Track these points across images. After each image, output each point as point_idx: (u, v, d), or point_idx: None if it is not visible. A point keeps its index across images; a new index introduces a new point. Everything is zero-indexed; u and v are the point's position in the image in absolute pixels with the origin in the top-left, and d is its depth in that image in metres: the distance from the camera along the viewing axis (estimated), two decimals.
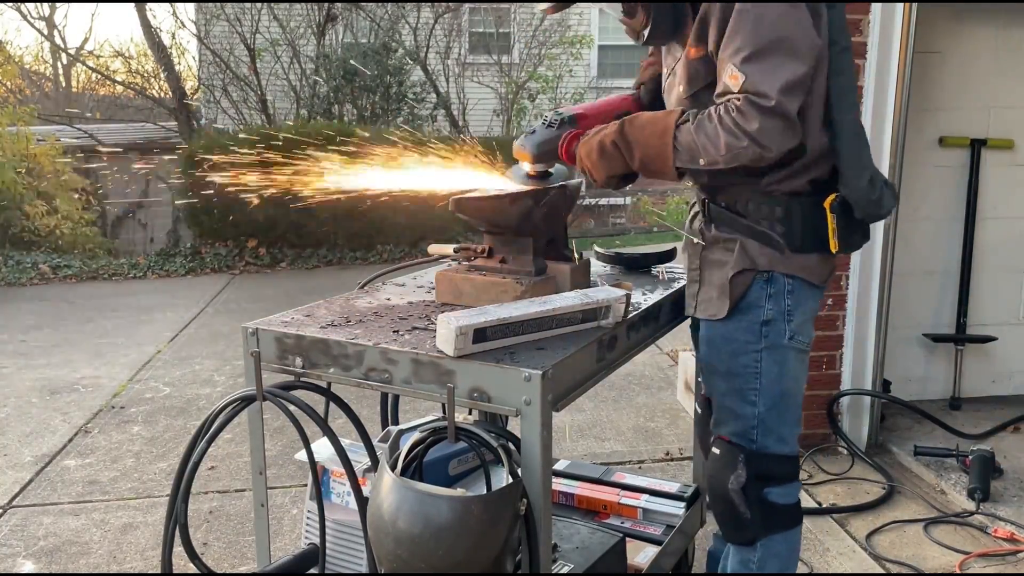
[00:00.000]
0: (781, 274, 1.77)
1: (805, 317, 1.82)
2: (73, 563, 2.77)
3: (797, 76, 1.56)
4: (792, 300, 1.79)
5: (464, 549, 1.36)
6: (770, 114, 1.55)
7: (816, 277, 1.81)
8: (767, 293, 1.78)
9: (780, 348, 1.80)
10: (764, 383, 1.82)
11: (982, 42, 3.69)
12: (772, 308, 1.79)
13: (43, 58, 20.83)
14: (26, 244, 9.35)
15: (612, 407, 4.10)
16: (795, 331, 1.81)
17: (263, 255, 8.67)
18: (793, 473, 1.91)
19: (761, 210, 1.77)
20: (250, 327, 1.71)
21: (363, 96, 10.69)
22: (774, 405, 1.84)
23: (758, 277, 1.78)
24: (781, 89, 1.54)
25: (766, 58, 1.55)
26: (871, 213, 1.76)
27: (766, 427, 1.85)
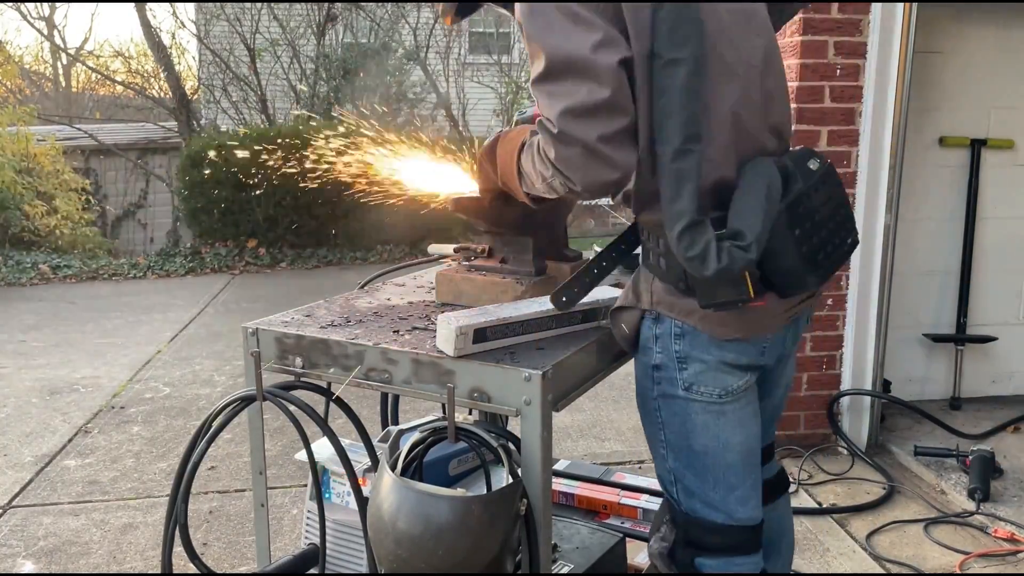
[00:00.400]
0: (667, 316, 1.50)
1: (705, 366, 1.50)
2: (73, 563, 2.77)
3: (591, 100, 1.31)
4: (683, 344, 1.50)
5: (464, 549, 1.36)
6: (560, 141, 1.33)
7: (714, 328, 1.47)
8: (654, 333, 1.52)
9: (676, 399, 1.53)
10: (668, 436, 1.57)
11: (982, 42, 3.69)
12: (660, 351, 1.52)
13: (43, 58, 20.85)
14: (26, 244, 9.35)
15: (612, 407, 4.09)
16: (691, 381, 1.50)
17: (263, 255, 8.67)
18: (731, 546, 1.58)
19: (649, 239, 1.53)
20: (250, 327, 1.71)
21: (363, 96, 10.68)
22: (689, 464, 1.56)
23: (646, 315, 1.53)
24: (562, 114, 1.32)
25: (551, 81, 1.34)
26: (695, 271, 1.36)
27: (685, 488, 1.58)
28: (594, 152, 1.33)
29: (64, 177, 10.03)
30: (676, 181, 1.35)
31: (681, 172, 1.35)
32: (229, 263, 8.56)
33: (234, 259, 8.62)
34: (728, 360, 1.50)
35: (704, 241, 1.33)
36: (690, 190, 1.34)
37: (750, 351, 1.52)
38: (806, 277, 1.44)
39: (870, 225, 3.30)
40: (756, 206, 1.37)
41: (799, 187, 1.41)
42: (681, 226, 1.34)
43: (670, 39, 1.34)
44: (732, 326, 1.48)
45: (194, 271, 8.45)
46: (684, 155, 1.35)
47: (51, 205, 9.71)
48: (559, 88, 1.33)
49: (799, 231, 1.40)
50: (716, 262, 1.32)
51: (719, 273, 1.33)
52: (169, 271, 8.45)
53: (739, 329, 1.49)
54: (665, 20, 1.35)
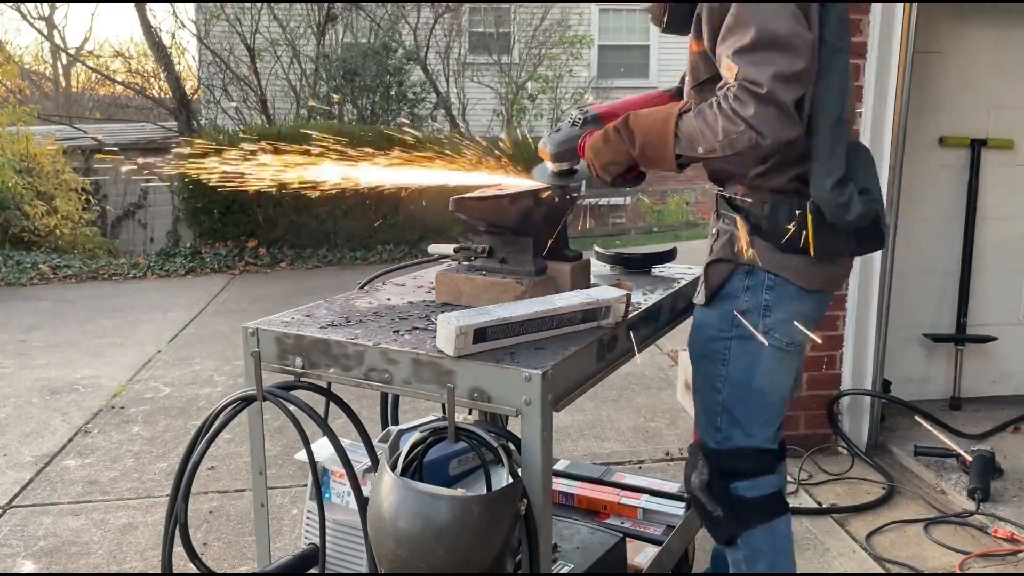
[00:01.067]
0: (762, 269, 1.77)
1: (786, 316, 1.78)
2: (73, 563, 2.77)
3: (792, 69, 1.56)
4: (772, 295, 1.77)
5: (464, 549, 1.36)
6: (764, 101, 1.56)
7: (805, 280, 1.78)
8: (745, 285, 1.79)
9: (752, 340, 1.78)
10: (731, 371, 1.82)
11: (982, 42, 3.69)
12: (748, 300, 1.78)
13: (43, 58, 20.85)
14: (26, 244, 9.35)
15: (612, 407, 4.10)
16: (771, 326, 1.78)
17: (263, 255, 8.67)
18: (760, 468, 1.88)
19: (752, 205, 1.78)
20: (250, 327, 1.71)
21: (363, 96, 10.69)
22: (741, 397, 1.83)
23: (739, 268, 1.79)
24: (773, 77, 1.55)
25: (758, 51, 1.57)
26: (837, 217, 1.69)
27: (731, 418, 1.84)
28: (787, 113, 1.58)
29: (64, 177, 10.03)
30: (834, 143, 1.68)
31: (838, 136, 1.68)
32: (229, 263, 8.56)
33: (234, 259, 8.62)
34: (804, 312, 1.80)
35: (848, 193, 1.68)
36: (842, 151, 1.69)
37: (821, 304, 1.85)
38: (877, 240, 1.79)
39: None
40: (874, 173, 1.78)
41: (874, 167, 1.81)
42: (834, 179, 1.67)
43: (837, 31, 1.67)
44: (818, 280, 1.79)
45: (194, 271, 8.44)
46: (841, 123, 1.69)
47: (51, 205, 9.71)
48: (764, 58, 1.57)
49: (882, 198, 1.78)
50: (859, 208, 1.68)
51: (858, 219, 1.68)
52: (169, 271, 8.45)
53: (823, 282, 1.81)
54: (832, 15, 1.67)
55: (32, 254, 8.91)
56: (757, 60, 1.57)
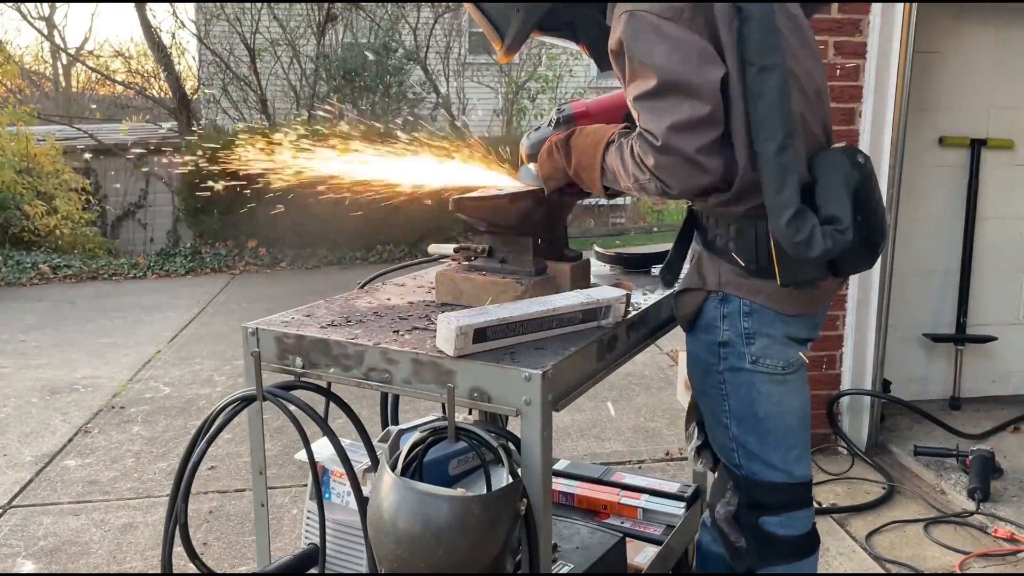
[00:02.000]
0: (735, 296, 1.65)
1: (772, 340, 1.66)
2: (73, 563, 2.77)
3: (693, 116, 1.45)
4: (751, 322, 1.65)
5: (464, 549, 1.36)
6: (662, 152, 1.48)
7: (783, 305, 1.64)
8: (721, 313, 1.67)
9: (743, 371, 1.67)
10: (732, 405, 1.71)
11: (982, 42, 3.69)
12: (728, 329, 1.67)
13: (43, 58, 20.85)
14: (26, 244, 9.35)
15: (612, 407, 4.10)
16: (758, 354, 1.66)
17: (263, 255, 8.67)
18: (791, 502, 1.75)
19: (719, 224, 1.66)
20: (250, 327, 1.71)
21: (363, 96, 10.69)
22: (752, 430, 1.71)
23: (712, 296, 1.68)
24: (670, 129, 1.46)
25: (656, 99, 1.48)
26: (799, 255, 1.50)
27: (747, 452, 1.73)
28: (692, 162, 1.48)
29: (64, 177, 10.03)
30: (781, 173, 1.48)
31: (785, 165, 1.48)
32: (229, 263, 8.56)
33: (234, 259, 8.62)
34: (791, 334, 1.67)
35: (809, 227, 1.47)
36: (793, 181, 1.48)
37: (808, 324, 1.71)
38: (864, 258, 1.63)
39: None
40: (842, 194, 1.54)
41: (857, 177, 1.57)
42: (789, 214, 1.47)
43: (761, 48, 1.48)
44: (798, 304, 1.65)
45: (194, 271, 8.45)
46: (786, 149, 1.48)
47: (51, 205, 9.71)
48: (663, 104, 1.47)
49: (860, 217, 1.56)
50: (822, 244, 1.47)
51: (823, 255, 1.49)
52: (169, 271, 8.46)
53: (804, 305, 1.66)
54: (754, 31, 1.49)
55: (32, 254, 8.92)
56: (656, 108, 1.48)
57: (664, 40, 1.48)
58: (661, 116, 1.47)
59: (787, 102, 1.48)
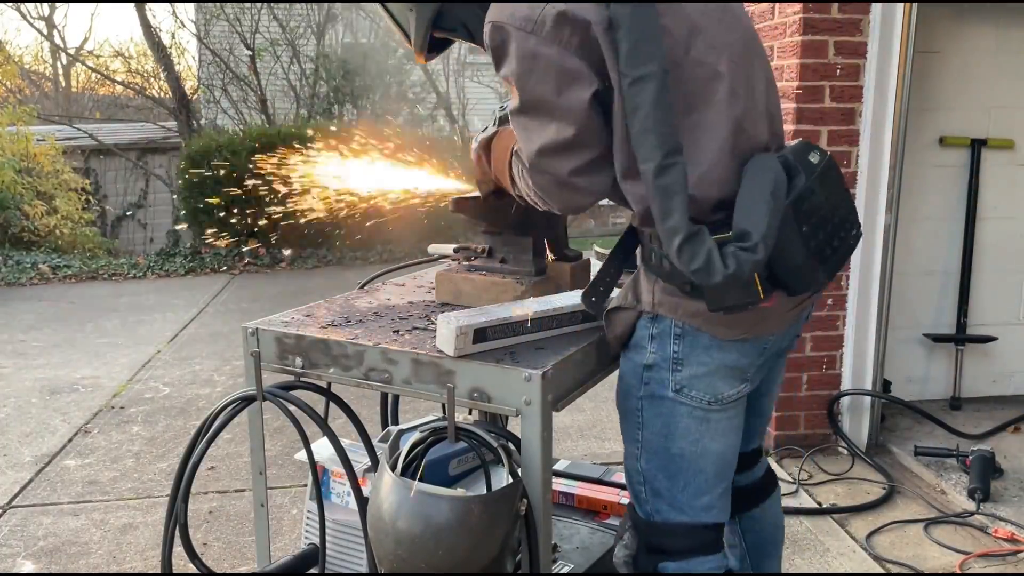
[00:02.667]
0: (667, 316, 1.48)
1: (703, 370, 1.48)
2: (73, 563, 2.76)
3: (559, 139, 1.37)
4: (681, 346, 1.48)
5: (464, 549, 1.36)
6: (535, 173, 1.43)
7: (720, 330, 1.46)
8: (650, 333, 1.50)
9: (664, 400, 1.51)
10: (645, 436, 1.55)
11: (982, 42, 3.69)
12: (655, 351, 1.50)
13: (43, 58, 20.85)
14: (26, 244, 9.35)
15: (612, 407, 4.08)
16: (683, 383, 1.49)
17: (263, 255, 8.67)
18: (694, 547, 1.57)
19: (653, 239, 1.48)
20: (250, 327, 1.71)
21: (363, 96, 10.69)
22: (662, 466, 1.55)
23: (644, 315, 1.51)
24: (538, 152, 1.40)
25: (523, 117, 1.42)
26: (702, 283, 1.33)
27: (653, 489, 1.57)
28: (566, 184, 1.42)
29: (64, 177, 10.03)
30: (664, 197, 1.31)
31: (667, 187, 1.30)
32: (229, 263, 8.56)
33: (234, 259, 8.62)
34: (728, 363, 1.49)
35: (705, 251, 1.29)
36: (679, 203, 1.30)
37: (751, 352, 1.51)
38: (816, 274, 1.43)
39: (870, 225, 3.30)
40: (761, 204, 1.33)
41: (803, 182, 1.38)
42: (678, 241, 1.30)
43: (631, 58, 1.31)
44: (739, 327, 1.46)
45: (194, 271, 8.44)
46: (667, 169, 1.30)
47: (51, 205, 9.71)
48: (531, 124, 1.41)
49: (806, 227, 1.38)
50: (724, 269, 1.29)
51: (728, 279, 1.29)
52: (169, 271, 8.45)
53: (746, 329, 1.47)
54: (624, 40, 1.31)
55: (32, 254, 8.91)
56: (525, 127, 1.42)
57: (524, 58, 1.36)
58: (530, 137, 1.41)
59: (667, 115, 1.31)
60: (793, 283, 1.41)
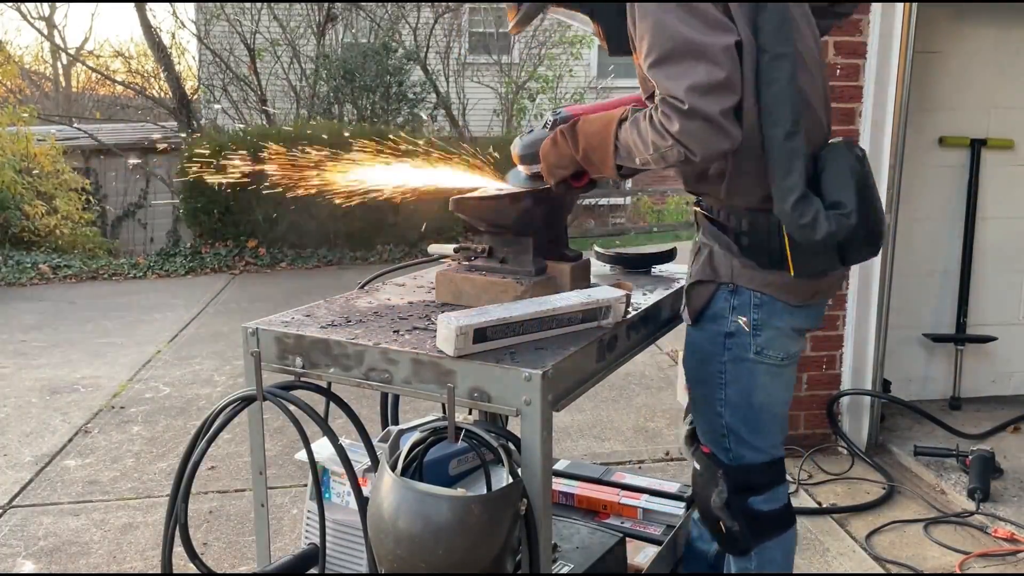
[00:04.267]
0: (746, 288, 1.70)
1: (777, 332, 1.72)
2: (73, 563, 2.77)
3: (711, 79, 1.46)
4: (760, 314, 1.70)
5: (464, 549, 1.36)
6: (687, 116, 1.47)
7: (791, 296, 1.70)
8: (731, 305, 1.71)
9: (746, 361, 1.73)
10: (730, 394, 1.77)
11: (982, 42, 3.69)
12: (736, 320, 1.72)
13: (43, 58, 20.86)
14: (26, 244, 9.35)
15: (612, 407, 4.10)
16: (763, 345, 1.72)
17: (263, 255, 8.67)
18: (775, 479, 1.86)
19: (730, 220, 1.70)
20: (250, 327, 1.71)
21: (363, 96, 10.69)
22: (745, 418, 1.78)
23: (722, 288, 1.72)
24: (689, 91, 1.46)
25: (671, 63, 1.49)
26: (804, 238, 1.57)
27: (738, 438, 1.80)
28: (716, 124, 1.48)
29: (64, 177, 10.03)
30: (789, 159, 1.54)
31: (793, 151, 1.54)
32: (229, 263, 8.56)
33: (234, 259, 8.62)
34: (796, 325, 1.74)
35: (814, 211, 1.54)
36: (799, 166, 1.55)
37: (812, 315, 1.78)
38: (867, 248, 1.66)
39: None
40: (848, 182, 1.60)
41: (860, 169, 1.64)
42: (795, 197, 1.54)
43: (776, 36, 1.54)
44: (804, 293, 1.71)
45: (194, 271, 8.45)
46: (794, 136, 1.55)
47: (51, 205, 9.71)
48: (679, 69, 1.48)
49: (863, 207, 1.60)
50: (827, 227, 1.54)
51: (828, 237, 1.54)
52: (169, 271, 8.46)
53: (810, 295, 1.72)
54: (770, 19, 1.54)
55: (32, 254, 8.92)
56: (672, 73, 1.49)
57: (678, 7, 1.50)
58: (680, 79, 1.47)
59: (795, 91, 1.54)
60: (852, 255, 1.65)
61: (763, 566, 1.88)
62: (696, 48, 1.47)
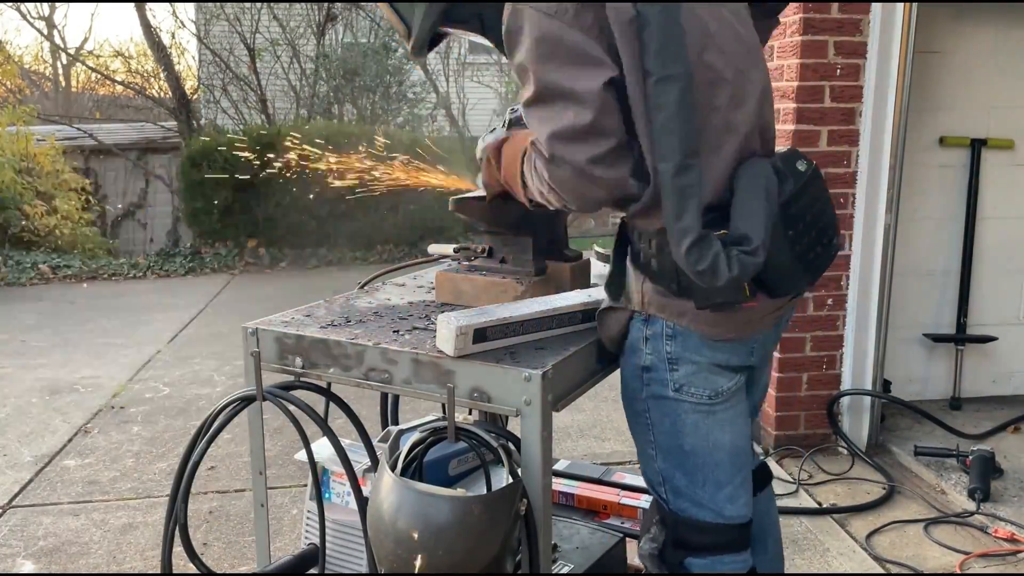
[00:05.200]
0: (658, 317, 1.51)
1: (696, 367, 1.51)
2: (73, 563, 2.77)
3: (577, 124, 1.34)
4: (674, 346, 1.51)
5: (464, 549, 1.36)
6: (554, 164, 1.38)
7: (708, 329, 1.49)
8: (643, 335, 1.53)
9: (666, 400, 1.54)
10: (657, 436, 1.58)
11: (982, 42, 3.69)
12: (651, 353, 1.53)
13: (43, 58, 20.85)
14: (26, 244, 9.35)
15: (612, 407, 4.09)
16: (681, 382, 1.52)
17: (263, 255, 8.67)
18: (719, 544, 1.60)
19: (641, 239, 1.51)
20: (250, 327, 1.71)
21: (363, 96, 10.68)
22: (678, 464, 1.58)
23: (636, 315, 1.54)
24: (551, 138, 1.36)
25: (539, 106, 1.39)
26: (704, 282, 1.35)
27: (674, 487, 1.60)
28: (584, 174, 1.37)
29: (64, 177, 10.03)
30: (680, 198, 1.34)
31: (684, 188, 1.33)
32: (229, 263, 8.56)
33: (234, 259, 8.61)
34: (719, 361, 1.52)
35: (712, 254, 1.33)
36: (694, 205, 1.33)
37: (740, 351, 1.54)
38: (799, 277, 1.48)
39: (870, 225, 3.30)
40: (758, 209, 1.38)
41: (791, 188, 1.42)
42: (688, 242, 1.33)
43: (659, 57, 1.33)
44: (724, 326, 1.50)
45: (194, 271, 8.44)
46: (686, 170, 1.34)
47: (51, 205, 9.71)
48: (547, 112, 1.37)
49: (792, 232, 1.42)
50: (727, 272, 1.32)
51: (730, 282, 1.33)
52: (169, 271, 8.45)
53: (731, 329, 1.51)
54: (652, 38, 1.33)
55: (32, 254, 8.91)
56: (541, 116, 1.38)
57: (543, 41, 1.36)
58: (546, 125, 1.37)
59: (689, 117, 1.34)
60: (777, 285, 1.46)
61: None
62: (563, 91, 1.35)
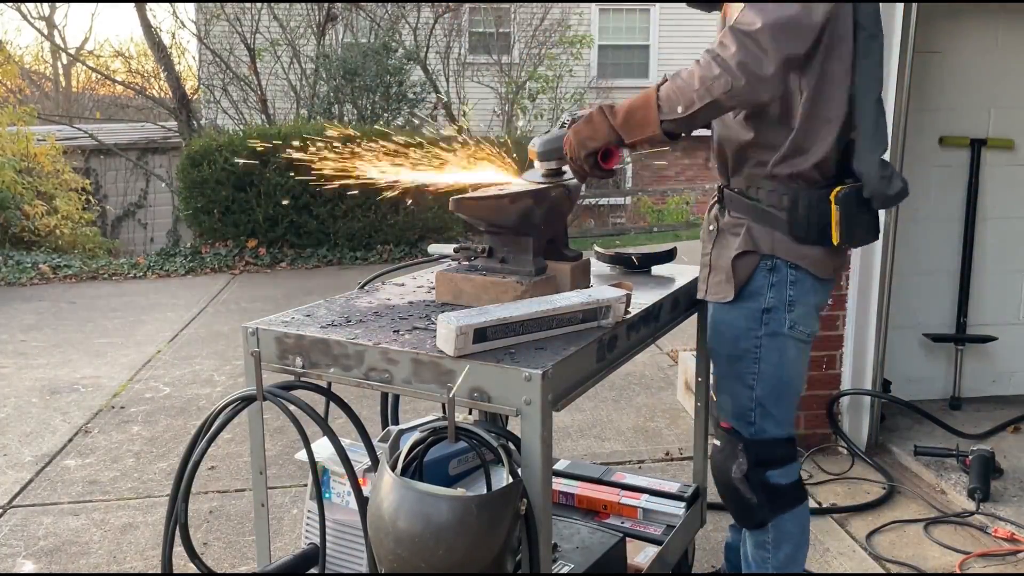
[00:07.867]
0: (784, 262, 1.83)
1: (807, 308, 1.88)
2: (73, 563, 2.77)
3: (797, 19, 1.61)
4: (795, 290, 1.85)
5: (464, 549, 1.36)
6: (749, 40, 1.60)
7: (822, 270, 1.86)
8: (769, 281, 1.85)
9: (780, 336, 1.88)
10: (763, 368, 1.90)
11: (982, 42, 3.69)
12: (774, 297, 1.85)
13: (43, 58, 20.87)
14: (26, 244, 9.35)
15: (612, 407, 4.09)
16: (795, 321, 1.87)
17: (263, 255, 8.67)
18: (791, 455, 1.99)
19: (770, 196, 1.83)
20: (250, 327, 1.71)
21: (363, 96, 10.69)
22: (772, 390, 1.92)
23: (762, 264, 1.85)
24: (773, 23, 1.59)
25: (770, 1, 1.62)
26: (881, 192, 1.78)
27: (764, 410, 1.93)
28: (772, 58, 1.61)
29: (64, 177, 10.03)
30: (877, 120, 1.78)
31: (880, 115, 1.79)
32: (229, 263, 8.56)
33: (234, 259, 8.62)
34: (819, 302, 1.91)
35: (891, 167, 1.82)
36: (884, 128, 1.81)
37: (829, 292, 1.95)
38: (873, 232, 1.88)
39: None
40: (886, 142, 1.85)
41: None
42: (880, 153, 1.79)
43: (873, 18, 1.76)
44: (831, 267, 1.89)
45: (194, 271, 8.44)
46: (880, 103, 1.80)
47: (51, 205, 9.71)
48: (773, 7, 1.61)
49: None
50: (900, 183, 1.80)
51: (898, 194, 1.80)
52: (169, 271, 8.45)
53: (830, 270, 1.90)
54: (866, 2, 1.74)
55: (32, 254, 8.91)
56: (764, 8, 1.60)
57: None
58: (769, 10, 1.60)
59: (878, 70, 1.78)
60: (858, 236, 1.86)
61: (779, 538, 2.00)
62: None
